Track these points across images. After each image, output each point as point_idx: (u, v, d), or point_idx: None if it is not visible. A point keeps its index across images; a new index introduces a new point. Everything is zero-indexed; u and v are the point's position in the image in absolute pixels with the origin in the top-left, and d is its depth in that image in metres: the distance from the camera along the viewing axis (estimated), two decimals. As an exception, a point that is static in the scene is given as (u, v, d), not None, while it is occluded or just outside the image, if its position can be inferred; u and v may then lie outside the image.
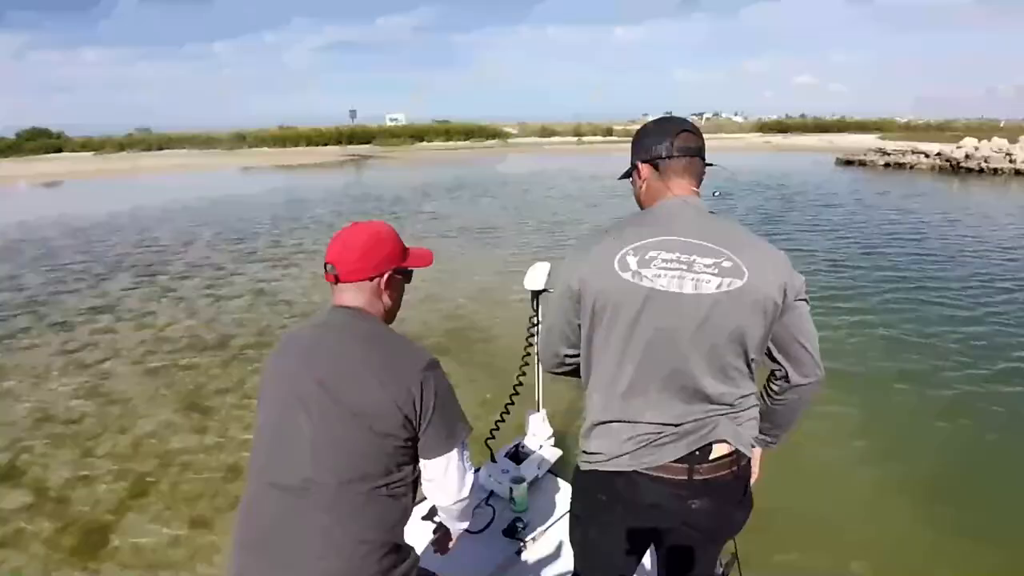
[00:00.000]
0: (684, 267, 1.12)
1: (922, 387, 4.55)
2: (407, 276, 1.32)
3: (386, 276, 1.23)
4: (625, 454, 1.20)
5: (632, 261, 1.13)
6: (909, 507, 3.12)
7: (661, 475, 1.19)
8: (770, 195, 16.61)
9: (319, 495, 1.08)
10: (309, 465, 1.09)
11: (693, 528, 1.25)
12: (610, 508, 1.27)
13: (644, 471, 1.19)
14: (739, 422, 1.21)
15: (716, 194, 1.51)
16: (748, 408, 1.22)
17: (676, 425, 1.17)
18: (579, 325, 1.23)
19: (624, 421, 1.19)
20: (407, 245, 1.30)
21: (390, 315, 1.30)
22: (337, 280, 1.21)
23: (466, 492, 1.23)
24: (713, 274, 1.11)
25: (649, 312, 1.13)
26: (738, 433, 1.20)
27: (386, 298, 1.25)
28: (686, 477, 1.18)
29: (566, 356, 1.31)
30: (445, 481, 1.19)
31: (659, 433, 1.17)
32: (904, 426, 4.01)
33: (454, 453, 1.18)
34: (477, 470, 2.34)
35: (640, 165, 1.26)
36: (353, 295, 1.21)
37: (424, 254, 1.34)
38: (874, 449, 3.69)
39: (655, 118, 1.32)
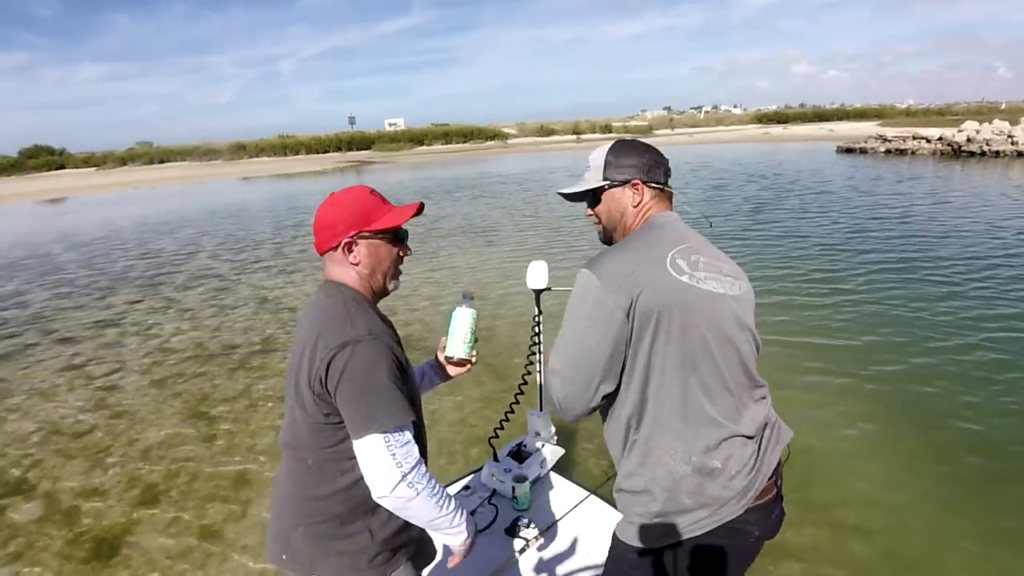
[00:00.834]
0: (718, 271, 1.14)
1: (905, 357, 4.67)
2: (388, 239, 1.23)
3: (345, 243, 1.19)
4: (734, 496, 1.06)
5: (683, 264, 1.09)
6: (908, 487, 3.11)
7: (760, 502, 1.09)
8: (765, 184, 16.74)
9: (282, 462, 1.27)
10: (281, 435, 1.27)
11: (761, 540, 1.17)
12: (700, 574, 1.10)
13: (750, 506, 1.08)
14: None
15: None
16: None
17: (757, 437, 1.12)
18: (624, 350, 1.07)
19: (726, 441, 1.06)
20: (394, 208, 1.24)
21: (370, 283, 1.23)
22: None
23: (387, 489, 1.09)
24: (733, 277, 1.16)
25: (713, 315, 1.08)
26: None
27: (357, 266, 1.21)
28: (775, 492, 1.14)
29: (604, 394, 1.11)
30: (365, 468, 1.11)
31: (753, 452, 1.09)
32: (891, 397, 4.06)
33: (370, 440, 1.08)
34: (479, 469, 2.35)
35: (642, 184, 1.23)
36: (328, 267, 1.24)
37: (402, 210, 1.24)
38: (864, 423, 3.68)
39: (636, 140, 1.32)
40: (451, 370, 1.50)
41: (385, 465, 1.09)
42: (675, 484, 1.06)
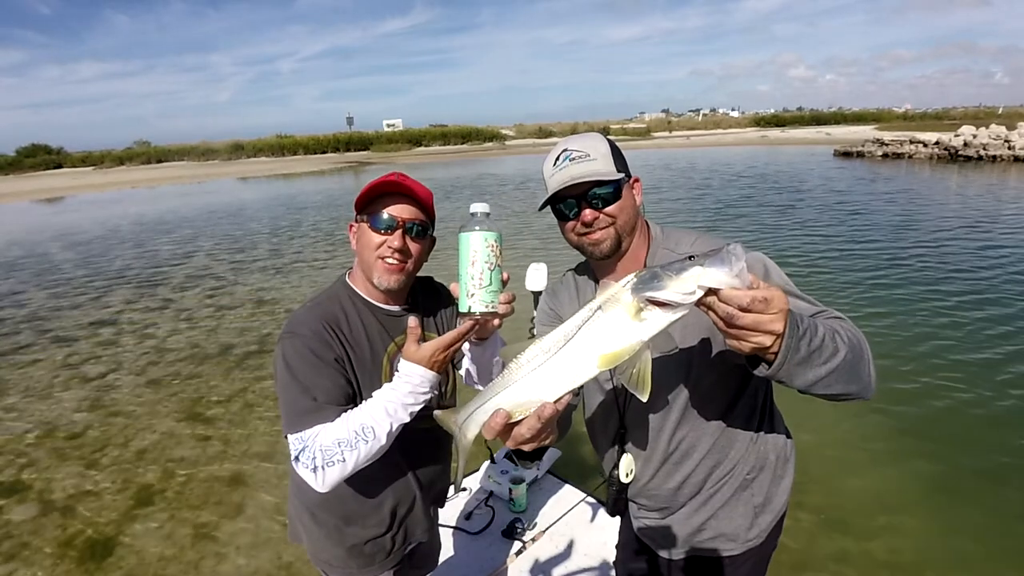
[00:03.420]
0: None
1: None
2: (369, 223, 1.11)
3: (349, 224, 1.20)
4: None
5: None
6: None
7: None
8: (748, 182, 17.44)
9: None
10: None
11: None
12: None
13: None
14: None
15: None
16: None
17: None
18: None
19: None
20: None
21: (362, 273, 1.17)
22: None
23: (310, 481, 1.02)
24: None
25: None
26: None
27: (356, 254, 1.19)
28: None
29: None
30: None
31: None
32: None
33: (288, 441, 1.05)
34: (475, 471, 2.35)
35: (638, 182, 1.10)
36: None
37: (375, 183, 1.11)
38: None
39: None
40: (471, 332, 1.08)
41: (302, 470, 1.02)
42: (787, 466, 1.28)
